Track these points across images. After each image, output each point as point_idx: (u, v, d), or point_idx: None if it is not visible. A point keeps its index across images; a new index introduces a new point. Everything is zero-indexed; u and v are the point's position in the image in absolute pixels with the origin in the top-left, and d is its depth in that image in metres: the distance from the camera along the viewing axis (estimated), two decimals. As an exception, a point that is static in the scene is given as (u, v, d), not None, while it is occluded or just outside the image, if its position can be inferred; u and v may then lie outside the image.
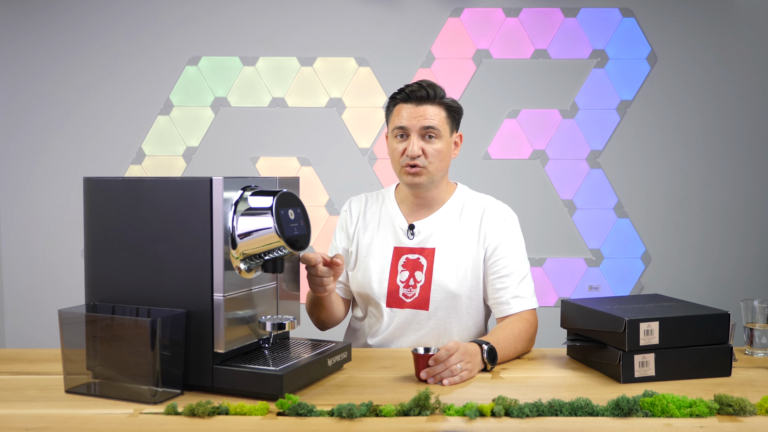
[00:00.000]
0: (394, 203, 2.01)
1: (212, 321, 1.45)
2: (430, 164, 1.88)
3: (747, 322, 1.80)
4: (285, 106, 3.54)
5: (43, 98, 3.54)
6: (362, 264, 1.97)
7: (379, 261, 1.95)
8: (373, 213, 2.02)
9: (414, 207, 1.97)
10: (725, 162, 3.54)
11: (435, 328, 1.92)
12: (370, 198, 2.06)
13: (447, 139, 1.91)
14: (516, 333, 1.77)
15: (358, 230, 2.01)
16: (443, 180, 1.97)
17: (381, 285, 1.93)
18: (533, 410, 1.33)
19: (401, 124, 1.88)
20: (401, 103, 1.90)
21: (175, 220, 1.47)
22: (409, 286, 1.92)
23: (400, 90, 1.91)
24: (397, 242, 1.95)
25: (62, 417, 1.35)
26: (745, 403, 1.33)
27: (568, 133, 3.53)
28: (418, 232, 1.94)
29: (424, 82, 1.90)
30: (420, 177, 1.88)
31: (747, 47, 3.50)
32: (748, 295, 2.56)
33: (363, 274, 1.96)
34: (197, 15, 3.52)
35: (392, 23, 3.51)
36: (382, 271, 1.94)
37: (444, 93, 1.92)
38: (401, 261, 1.93)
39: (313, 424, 1.31)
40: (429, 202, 1.96)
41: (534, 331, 1.84)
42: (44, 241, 3.56)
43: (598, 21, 3.51)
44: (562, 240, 3.55)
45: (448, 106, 1.91)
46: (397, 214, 1.98)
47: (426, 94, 1.88)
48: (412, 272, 1.92)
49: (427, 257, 1.92)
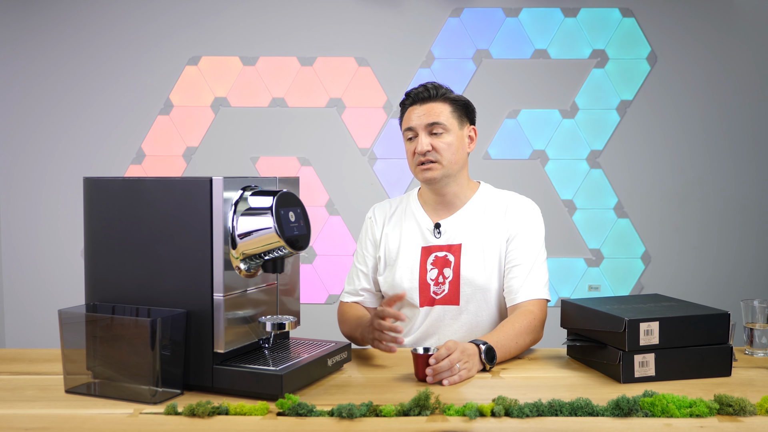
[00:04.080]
0: (418, 205, 2.04)
1: (212, 321, 1.45)
2: (442, 158, 1.91)
3: (747, 322, 1.80)
4: (285, 106, 3.54)
5: (44, 98, 3.54)
6: (391, 267, 2.00)
7: (408, 262, 1.97)
8: (398, 217, 2.05)
9: (437, 206, 2.00)
10: (725, 162, 3.54)
11: (467, 323, 1.93)
12: (393, 203, 2.10)
13: (457, 133, 1.94)
14: (518, 329, 1.77)
15: (385, 235, 2.04)
16: (462, 175, 1.99)
17: (412, 284, 1.95)
18: (533, 410, 1.33)
19: (409, 126, 1.95)
20: (409, 107, 1.97)
21: (175, 220, 1.47)
22: (439, 284, 1.94)
23: (406, 95, 1.98)
24: (424, 242, 1.98)
25: (62, 417, 1.35)
26: (745, 403, 1.33)
27: (568, 133, 3.53)
28: (444, 231, 1.97)
29: (428, 83, 1.96)
30: (433, 171, 1.91)
31: (747, 47, 3.50)
32: (748, 295, 2.56)
33: (394, 276, 1.98)
34: (197, 15, 3.52)
35: (392, 23, 3.51)
36: (412, 271, 1.96)
37: (448, 90, 1.97)
38: (430, 259, 1.95)
39: (313, 424, 1.31)
40: (451, 199, 1.99)
41: (539, 323, 1.85)
42: (44, 241, 3.56)
43: (598, 21, 3.51)
44: (562, 240, 3.54)
45: (453, 100, 1.96)
46: (421, 214, 2.01)
47: (429, 94, 1.94)
48: (441, 269, 1.94)
49: (454, 254, 1.94)
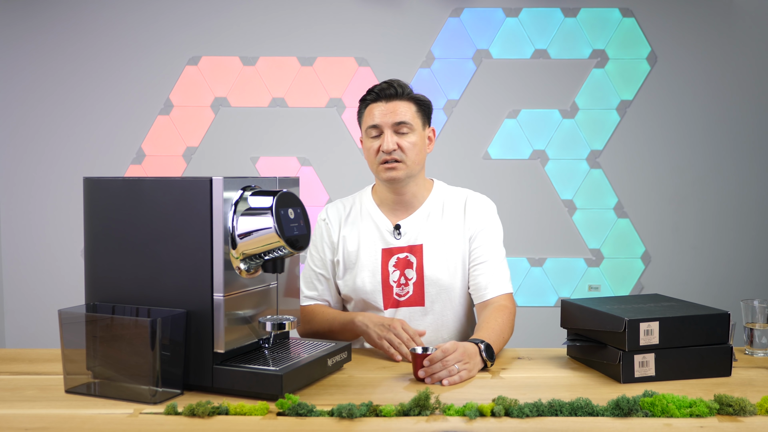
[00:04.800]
0: (374, 205, 2.00)
1: (212, 321, 1.45)
2: (407, 157, 1.89)
3: (747, 322, 1.80)
4: (285, 106, 3.54)
5: (44, 98, 3.54)
6: (351, 271, 1.96)
7: (369, 265, 1.94)
8: (354, 218, 2.01)
9: (395, 206, 1.98)
10: (725, 162, 3.54)
11: (432, 323, 1.93)
12: (346, 203, 2.04)
13: (420, 133, 1.93)
14: (501, 324, 1.80)
15: (342, 237, 1.99)
16: (420, 175, 1.98)
17: (375, 287, 1.93)
18: (533, 410, 1.33)
19: (374, 123, 1.91)
20: (372, 103, 1.94)
21: (175, 220, 1.47)
22: (401, 285, 1.93)
23: (369, 91, 1.95)
24: (384, 243, 1.95)
25: (62, 417, 1.35)
26: (745, 403, 1.33)
27: (568, 133, 3.53)
28: (404, 232, 1.95)
29: (393, 80, 1.94)
30: (398, 171, 1.89)
31: (747, 47, 3.50)
32: (748, 295, 2.56)
33: (355, 280, 1.95)
34: (197, 15, 3.52)
35: (392, 23, 3.51)
36: (373, 274, 1.94)
37: (411, 90, 1.95)
38: (392, 261, 1.93)
39: (313, 424, 1.31)
40: (409, 199, 1.97)
41: (513, 316, 1.88)
42: (44, 241, 3.56)
43: (598, 21, 3.51)
44: (562, 240, 3.54)
45: (418, 100, 1.95)
46: (378, 215, 1.98)
47: (395, 92, 1.91)
48: (403, 271, 1.93)
49: (416, 254, 1.93)
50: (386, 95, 1.91)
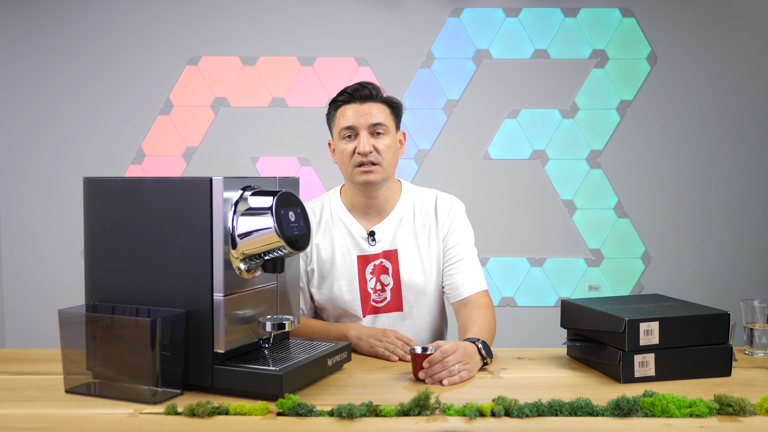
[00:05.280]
0: (345, 210, 1.97)
1: (212, 321, 1.45)
2: (383, 160, 1.87)
3: (747, 322, 1.80)
4: (285, 106, 3.54)
5: (44, 98, 3.54)
6: (328, 279, 1.94)
7: (345, 273, 1.92)
8: (326, 224, 1.96)
9: (367, 210, 1.95)
10: (725, 162, 3.54)
11: (412, 327, 1.94)
12: (314, 209, 1.99)
13: (394, 136, 1.92)
14: (489, 322, 1.82)
15: (316, 246, 1.95)
16: (392, 179, 1.97)
17: (353, 296, 1.92)
18: (533, 410, 1.33)
19: (349, 124, 1.87)
20: (344, 105, 1.90)
21: (175, 220, 1.47)
22: (378, 291, 1.92)
23: (340, 92, 1.90)
24: (359, 251, 1.93)
25: (62, 417, 1.35)
26: (745, 403, 1.33)
27: (568, 133, 3.53)
28: (379, 239, 1.93)
29: (365, 82, 1.91)
30: (374, 174, 1.86)
31: (747, 47, 3.50)
32: (748, 295, 2.56)
33: (332, 288, 1.93)
34: (197, 15, 3.52)
35: (392, 23, 3.51)
36: (350, 282, 1.92)
37: (383, 92, 1.93)
38: (368, 269, 1.92)
39: (313, 424, 1.31)
40: (381, 203, 1.94)
41: (494, 313, 1.90)
42: (44, 241, 3.56)
43: (598, 21, 3.51)
44: (562, 240, 3.54)
45: (391, 103, 1.92)
46: (351, 221, 1.95)
47: (369, 93, 1.88)
48: (378, 277, 1.92)
49: (391, 260, 1.92)
50: (360, 96, 1.88)
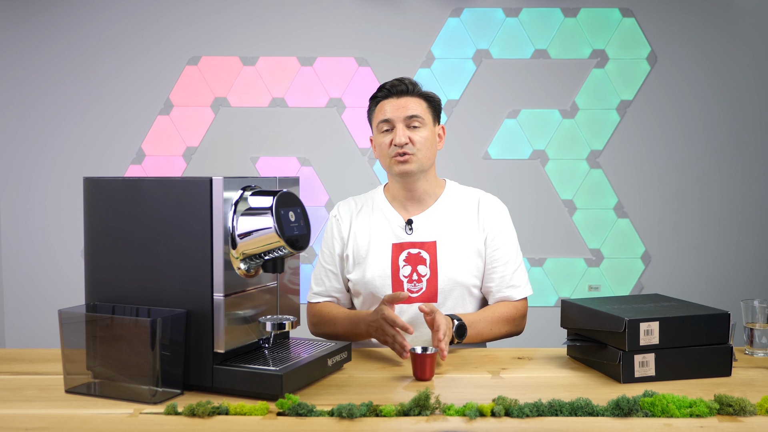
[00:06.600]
0: (386, 201, 2.04)
1: (212, 321, 1.45)
2: (419, 151, 1.93)
3: (747, 322, 1.80)
4: (285, 106, 3.54)
5: (44, 98, 3.54)
6: (361, 265, 1.98)
7: (379, 259, 1.96)
8: (365, 213, 2.04)
9: (407, 202, 2.01)
10: (725, 162, 3.54)
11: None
12: (358, 200, 2.09)
13: (431, 129, 1.98)
14: (496, 317, 1.87)
15: (353, 233, 2.02)
16: (432, 172, 2.02)
17: (384, 282, 1.95)
18: (533, 410, 1.33)
19: (386, 117, 1.95)
20: (383, 100, 1.98)
21: (175, 220, 1.47)
22: (413, 281, 1.94)
23: (379, 88, 2.00)
24: (395, 238, 1.98)
25: (62, 417, 1.35)
26: (745, 403, 1.33)
27: (568, 133, 3.53)
28: (417, 227, 1.97)
29: (403, 78, 1.99)
30: (410, 164, 1.93)
31: (747, 47, 3.50)
32: (748, 295, 2.56)
33: (364, 274, 1.97)
34: (197, 15, 3.52)
35: (392, 23, 3.51)
36: (383, 268, 1.95)
37: (422, 87, 2.00)
38: (402, 256, 1.95)
39: (313, 424, 1.31)
40: (421, 195, 2.00)
41: (520, 316, 1.97)
42: (44, 241, 3.56)
43: (598, 21, 3.51)
44: (562, 240, 3.54)
45: (428, 97, 2.00)
46: (390, 211, 2.01)
47: (406, 88, 1.97)
48: (415, 267, 1.94)
49: (428, 251, 1.95)
50: (397, 91, 1.96)
